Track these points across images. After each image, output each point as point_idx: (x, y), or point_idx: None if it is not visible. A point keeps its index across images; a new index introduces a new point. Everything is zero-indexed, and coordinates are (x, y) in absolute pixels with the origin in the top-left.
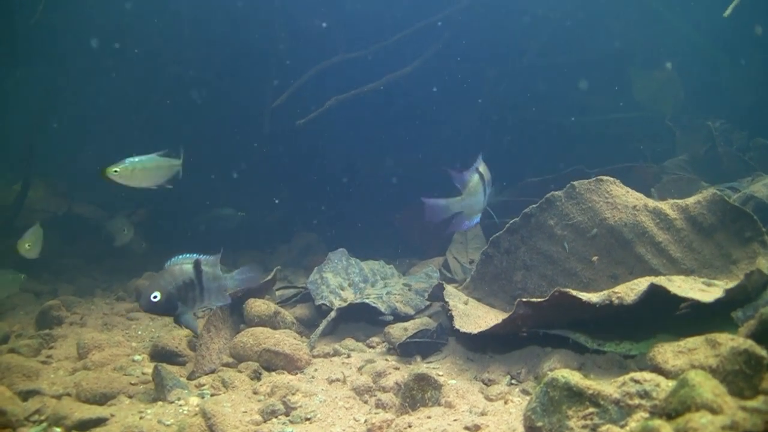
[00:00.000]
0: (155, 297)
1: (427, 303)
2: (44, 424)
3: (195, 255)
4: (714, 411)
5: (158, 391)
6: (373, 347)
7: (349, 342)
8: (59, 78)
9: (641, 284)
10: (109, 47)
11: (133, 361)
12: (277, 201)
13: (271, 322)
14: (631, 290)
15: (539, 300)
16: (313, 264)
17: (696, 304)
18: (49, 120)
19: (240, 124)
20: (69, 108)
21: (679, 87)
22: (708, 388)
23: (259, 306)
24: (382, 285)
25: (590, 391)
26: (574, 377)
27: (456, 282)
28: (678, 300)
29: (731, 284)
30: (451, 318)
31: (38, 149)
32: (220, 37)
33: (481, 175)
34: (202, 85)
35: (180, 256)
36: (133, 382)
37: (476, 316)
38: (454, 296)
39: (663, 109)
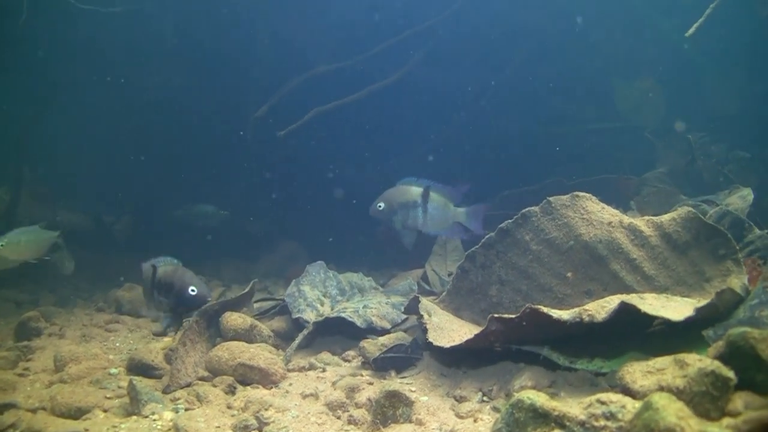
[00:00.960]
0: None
1: (404, 317)
2: None
3: (175, 260)
4: None
5: (133, 405)
6: (348, 361)
7: (325, 356)
8: (42, 84)
9: (612, 302)
10: (94, 52)
11: (110, 374)
12: (271, 201)
13: (247, 335)
14: (602, 308)
15: (511, 316)
16: (295, 274)
17: (667, 322)
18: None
19: (224, 131)
20: (54, 113)
21: (661, 98)
22: (672, 411)
23: (235, 320)
24: (360, 298)
25: (556, 413)
26: (540, 398)
27: (435, 294)
28: (649, 318)
29: (702, 303)
30: (425, 331)
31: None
32: (206, 44)
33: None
34: (188, 92)
35: (161, 259)
36: (108, 395)
37: (450, 330)
38: (429, 310)
39: (644, 120)
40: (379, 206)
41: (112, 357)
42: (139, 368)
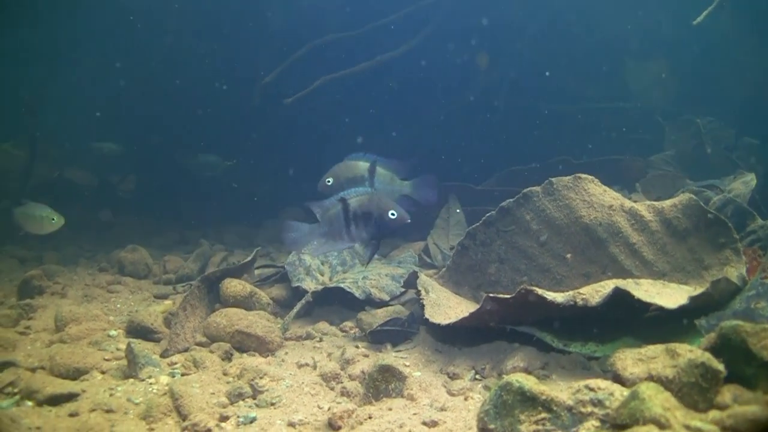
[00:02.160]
0: None
1: (403, 290)
2: (17, 397)
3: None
4: (662, 426)
5: (130, 368)
6: (346, 332)
7: (323, 326)
8: (51, 42)
9: (607, 287)
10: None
11: (109, 336)
12: (277, 165)
13: (246, 302)
14: (596, 292)
15: (505, 296)
16: None
17: (661, 309)
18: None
19: (231, 94)
20: (64, 72)
21: (672, 80)
22: (658, 402)
23: (234, 286)
24: (360, 269)
25: (543, 397)
26: (529, 382)
27: (435, 268)
28: (644, 304)
29: (697, 291)
30: (422, 307)
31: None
32: (212, 7)
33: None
34: (198, 52)
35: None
36: (107, 357)
37: (447, 307)
38: (428, 285)
39: (655, 101)
40: (327, 181)
41: (112, 318)
42: (138, 331)
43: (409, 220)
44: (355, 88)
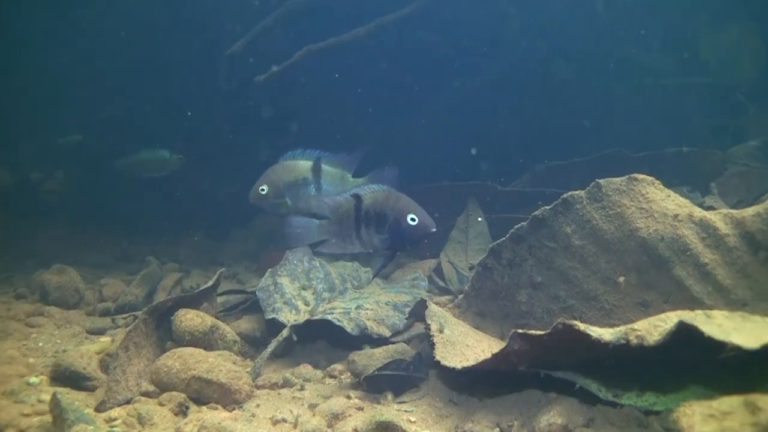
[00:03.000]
0: None
1: (408, 323)
2: None
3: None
4: None
5: (57, 425)
6: (334, 377)
7: (305, 370)
8: None
9: (669, 320)
10: None
11: (29, 384)
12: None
13: (206, 340)
14: (654, 328)
15: (539, 333)
16: (271, 261)
17: (740, 350)
18: None
19: (193, 75)
20: None
21: (761, 49)
22: None
23: (191, 319)
24: (353, 295)
25: None
26: None
27: (450, 293)
28: (717, 343)
29: None
30: (433, 345)
31: None
32: None
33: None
34: (150, 33)
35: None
36: (26, 412)
37: (464, 345)
38: (440, 317)
39: (737, 76)
40: (261, 190)
41: (32, 361)
42: (66, 377)
43: (434, 229)
44: (347, 65)
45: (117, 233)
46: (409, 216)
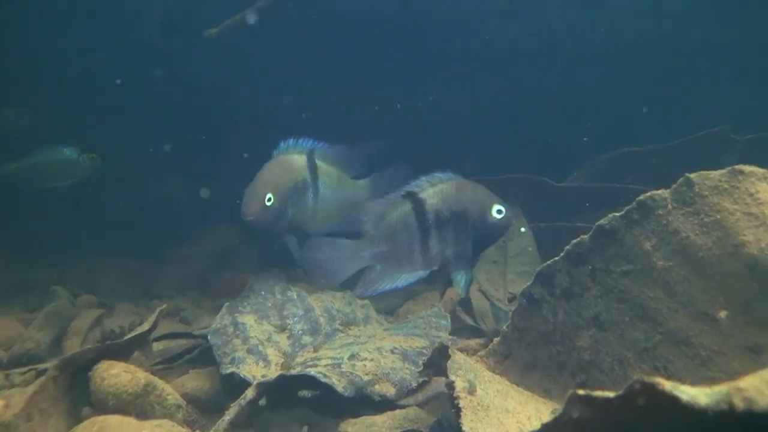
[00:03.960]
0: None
1: (422, 377)
2: None
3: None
4: None
5: None
6: None
7: None
8: None
9: None
10: None
11: None
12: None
13: (138, 404)
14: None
15: (608, 395)
16: (228, 290)
17: None
18: None
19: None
20: None
21: None
22: None
23: (117, 376)
24: (346, 340)
25: None
26: None
27: (481, 334)
28: None
29: None
30: (457, 412)
31: None
32: None
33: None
34: None
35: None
36: None
37: (503, 411)
38: (467, 370)
39: None
40: (268, 200)
41: None
42: None
43: (523, 229)
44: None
45: (11, 252)
46: (495, 207)
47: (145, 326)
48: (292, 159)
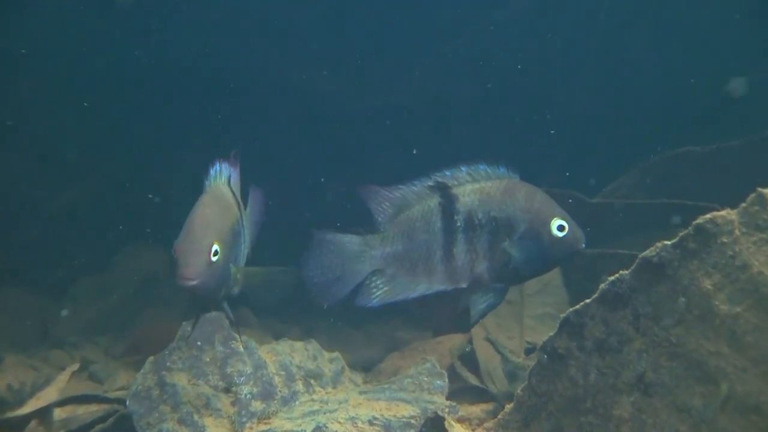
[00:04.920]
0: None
1: None
2: None
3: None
4: None
5: None
6: None
7: None
8: None
9: None
10: None
11: None
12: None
13: None
14: None
15: None
16: (154, 339)
17: None
18: None
19: None
20: None
21: None
22: None
23: None
24: (310, 406)
25: None
26: None
27: (489, 398)
28: None
29: None
30: None
31: None
32: None
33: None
34: None
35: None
36: None
37: None
38: None
39: None
40: (214, 253)
41: None
42: None
43: (584, 245)
44: None
45: None
46: (556, 223)
47: (52, 395)
48: (224, 192)
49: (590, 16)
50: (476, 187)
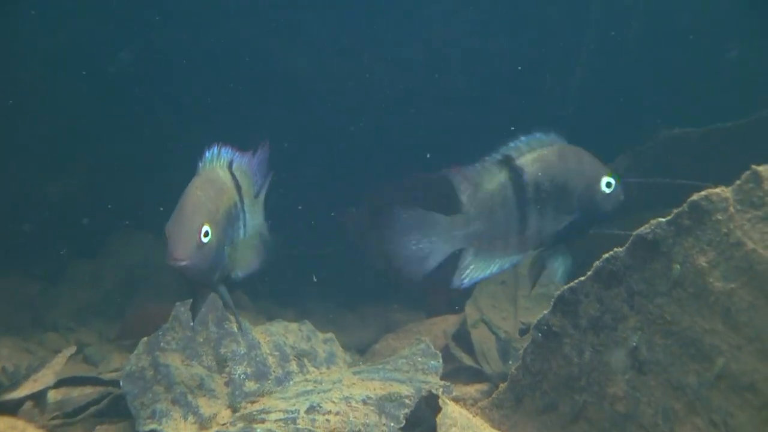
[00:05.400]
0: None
1: None
2: None
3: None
4: None
5: None
6: None
7: None
8: None
9: None
10: None
11: None
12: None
13: None
14: None
15: None
16: (146, 320)
17: None
18: None
19: None
20: None
21: None
22: None
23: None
24: (304, 386)
25: None
26: None
27: (484, 378)
28: None
29: None
30: None
31: None
32: None
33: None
34: None
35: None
36: None
37: None
38: (463, 428)
39: None
40: (205, 234)
41: None
42: None
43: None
44: None
45: None
46: (605, 180)
47: (48, 378)
48: (220, 176)
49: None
50: (536, 156)
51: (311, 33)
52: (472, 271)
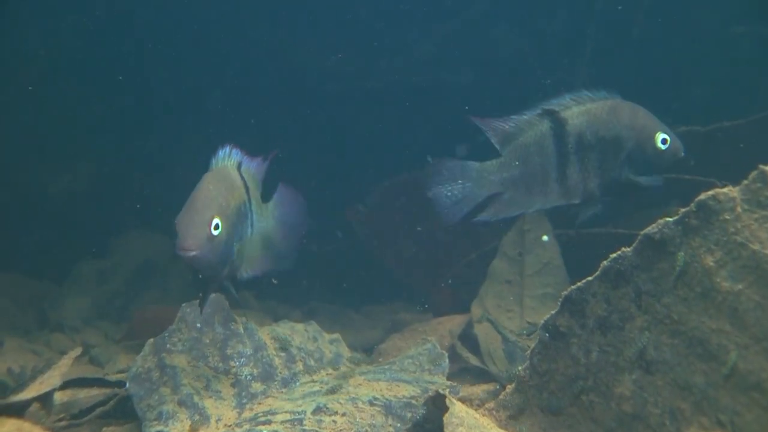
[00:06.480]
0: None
1: None
2: None
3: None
4: None
5: None
6: None
7: None
8: None
9: None
10: None
11: None
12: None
13: None
14: None
15: None
16: (152, 321)
17: None
18: None
19: None
20: None
21: None
22: None
23: None
24: (311, 387)
25: None
26: None
27: (491, 379)
28: None
29: None
30: None
31: None
32: None
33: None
34: None
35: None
36: None
37: None
38: (470, 429)
39: None
40: (215, 227)
41: None
42: None
43: (684, 154)
44: None
45: None
46: (660, 137)
47: (54, 380)
48: (231, 174)
49: None
50: (583, 109)
51: (318, 32)
52: (502, 209)
